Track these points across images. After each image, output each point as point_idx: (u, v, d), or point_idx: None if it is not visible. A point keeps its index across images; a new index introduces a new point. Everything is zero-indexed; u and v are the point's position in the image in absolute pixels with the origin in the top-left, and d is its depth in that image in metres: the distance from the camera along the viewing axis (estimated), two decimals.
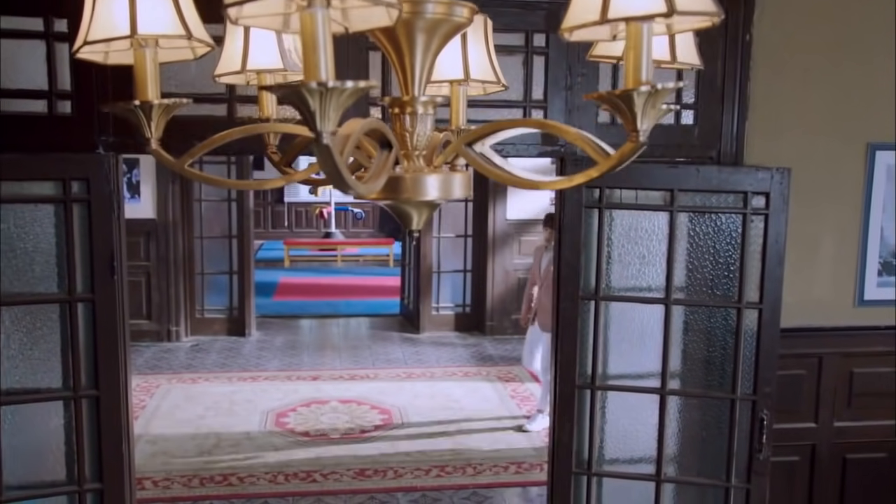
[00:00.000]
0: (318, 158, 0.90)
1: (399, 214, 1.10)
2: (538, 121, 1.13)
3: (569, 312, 3.52)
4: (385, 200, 1.06)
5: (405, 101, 1.03)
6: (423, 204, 1.05)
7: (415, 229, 1.10)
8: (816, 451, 3.82)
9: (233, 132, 1.36)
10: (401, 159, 1.09)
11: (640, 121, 1.01)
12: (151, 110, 1.01)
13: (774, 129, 3.57)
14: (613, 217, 3.51)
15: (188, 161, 1.15)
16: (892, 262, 3.76)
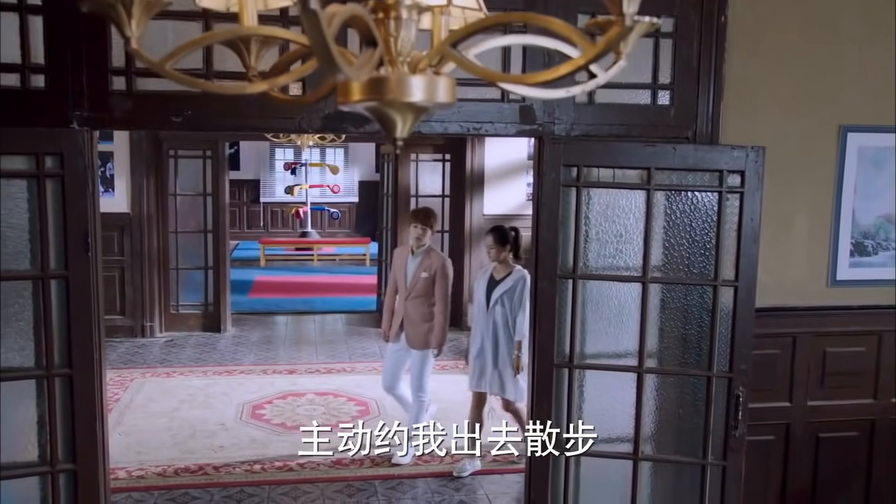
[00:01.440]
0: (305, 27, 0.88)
1: (383, 120, 1.09)
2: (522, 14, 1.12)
3: (547, 291, 3.53)
4: (368, 102, 1.06)
5: (389, 5, 1.03)
6: (407, 107, 1.05)
7: (399, 137, 1.09)
8: (791, 429, 3.87)
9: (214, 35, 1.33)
10: (385, 65, 1.08)
11: (626, 3, 1.01)
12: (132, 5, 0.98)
13: (749, 110, 3.61)
14: (591, 196, 3.52)
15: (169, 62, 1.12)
16: (863, 242, 3.82)
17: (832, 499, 3.94)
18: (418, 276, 5.15)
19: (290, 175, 16.62)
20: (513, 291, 5.07)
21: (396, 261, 5.42)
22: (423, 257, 5.20)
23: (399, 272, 5.31)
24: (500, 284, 5.11)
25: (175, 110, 3.24)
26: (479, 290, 5.22)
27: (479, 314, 5.19)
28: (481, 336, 5.16)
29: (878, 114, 3.74)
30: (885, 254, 3.83)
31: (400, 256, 5.41)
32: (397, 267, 5.36)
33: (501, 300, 5.09)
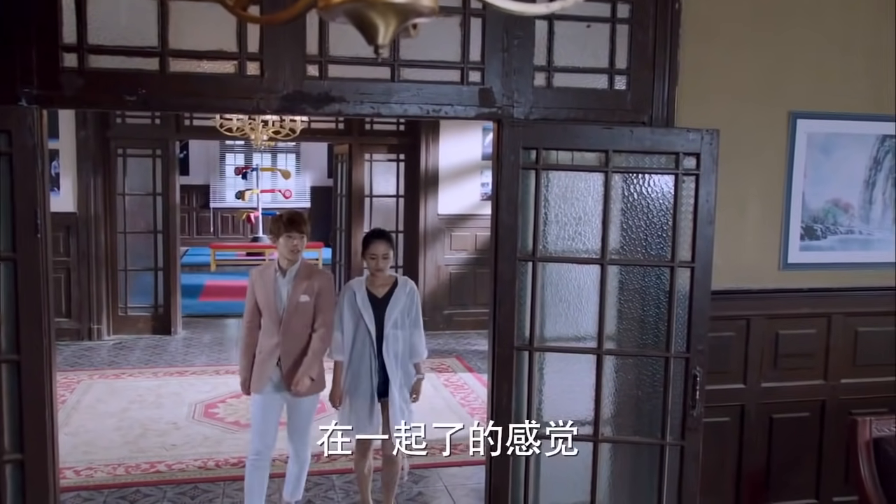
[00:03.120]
0: None
1: (363, 24, 1.06)
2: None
3: (506, 274, 3.53)
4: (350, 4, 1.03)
5: None
6: (389, 9, 1.02)
7: (381, 44, 1.07)
8: (745, 411, 3.94)
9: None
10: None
11: None
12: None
13: (703, 96, 3.68)
14: (550, 178, 3.54)
15: None
16: (813, 227, 3.91)
17: (785, 478, 4.02)
18: (296, 301, 3.93)
19: (241, 180, 16.39)
20: (409, 308, 4.13)
21: (258, 284, 4.02)
22: (300, 276, 3.97)
23: (266, 298, 3.96)
24: (392, 303, 4.06)
25: (129, 89, 3.17)
26: (353, 313, 4.05)
27: (359, 345, 4.06)
28: (368, 372, 4.05)
29: (827, 101, 3.85)
30: (834, 238, 3.93)
31: (263, 277, 4.02)
32: (262, 292, 3.99)
33: (399, 322, 4.07)
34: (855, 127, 3.88)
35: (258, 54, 3.24)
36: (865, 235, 3.96)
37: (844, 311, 3.97)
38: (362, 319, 4.05)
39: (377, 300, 4.08)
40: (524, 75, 3.51)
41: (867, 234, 3.96)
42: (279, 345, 3.97)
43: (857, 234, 3.95)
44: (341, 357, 4.10)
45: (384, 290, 4.10)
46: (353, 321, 4.07)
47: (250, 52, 3.24)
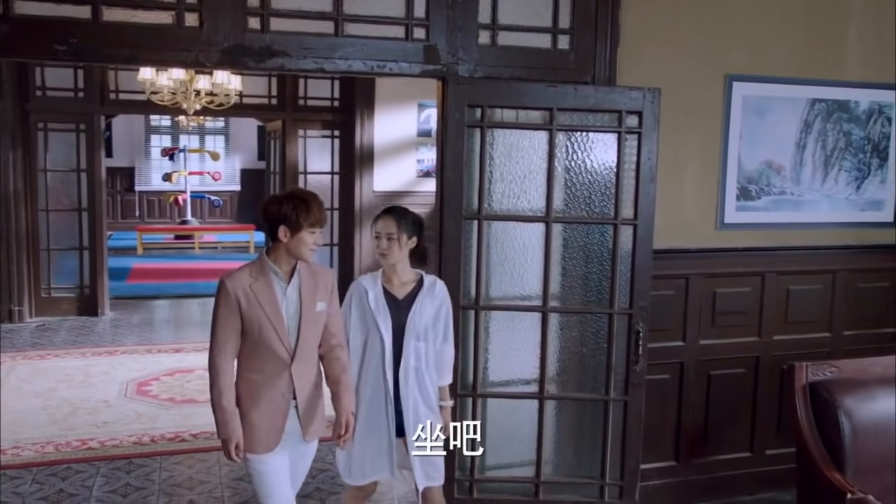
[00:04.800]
0: None
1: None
2: None
3: (452, 233, 3.53)
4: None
5: None
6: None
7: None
8: (684, 368, 4.03)
9: None
10: None
11: None
12: None
13: (643, 58, 3.73)
14: (495, 136, 3.54)
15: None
16: (748, 187, 4.02)
17: (722, 433, 4.13)
18: (312, 311, 2.85)
19: (167, 161, 15.94)
20: (437, 316, 3.15)
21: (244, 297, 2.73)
22: (303, 274, 2.86)
23: (270, 314, 2.76)
24: (416, 307, 3.09)
25: (59, 37, 3.03)
26: (364, 318, 3.10)
27: (368, 361, 3.11)
28: (383, 400, 3.08)
29: (762, 64, 3.95)
30: (767, 198, 4.05)
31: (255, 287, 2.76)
32: (256, 307, 2.74)
33: (423, 334, 3.11)
34: (787, 91, 3.99)
35: (197, 5, 3.14)
36: (797, 196, 4.09)
37: (777, 269, 4.09)
38: (375, 327, 3.08)
39: (397, 302, 3.10)
40: (469, 33, 3.49)
41: (798, 195, 4.09)
42: (292, 379, 2.80)
43: (788, 195, 4.08)
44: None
45: (406, 291, 3.12)
46: (363, 329, 3.10)
47: (188, 3, 3.14)
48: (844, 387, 2.97)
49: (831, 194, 4.15)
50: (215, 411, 2.77)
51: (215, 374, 2.76)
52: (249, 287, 2.76)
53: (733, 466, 4.16)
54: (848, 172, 4.16)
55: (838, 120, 4.10)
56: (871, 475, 2.84)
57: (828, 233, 4.16)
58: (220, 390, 2.75)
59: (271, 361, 2.80)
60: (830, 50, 4.06)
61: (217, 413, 2.77)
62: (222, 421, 2.76)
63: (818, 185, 4.12)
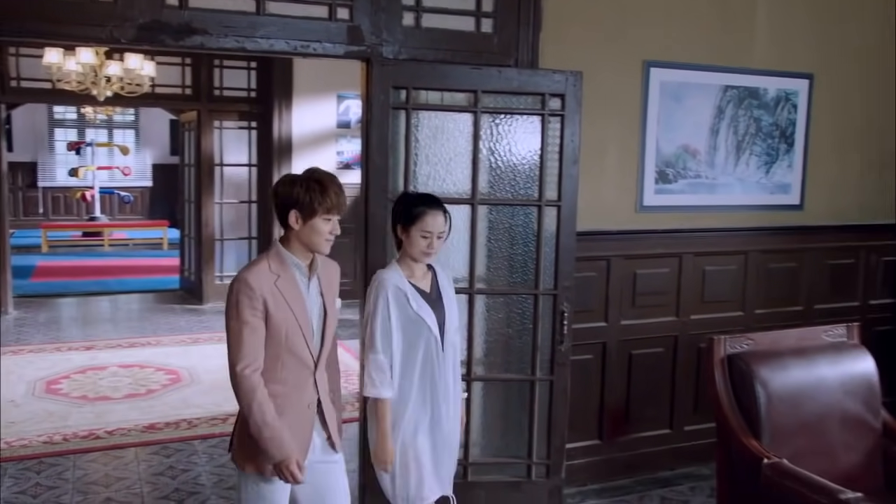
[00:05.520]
0: None
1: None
2: None
3: (378, 216, 3.50)
4: None
5: None
6: None
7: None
8: (607, 348, 4.11)
9: None
10: None
11: None
12: None
13: (565, 42, 3.78)
14: (420, 118, 3.53)
15: None
16: (665, 171, 4.13)
17: (643, 411, 4.24)
18: (334, 310, 2.57)
19: (74, 156, 15.31)
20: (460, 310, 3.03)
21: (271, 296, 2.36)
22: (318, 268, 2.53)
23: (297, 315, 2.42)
24: (447, 299, 2.90)
25: None
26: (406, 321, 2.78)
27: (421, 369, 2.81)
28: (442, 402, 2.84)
29: (678, 51, 4.06)
30: (684, 181, 4.17)
31: (280, 284, 2.39)
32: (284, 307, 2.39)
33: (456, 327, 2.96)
34: (702, 77, 4.12)
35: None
36: (711, 180, 4.23)
37: (693, 251, 4.22)
38: (425, 328, 2.77)
39: (427, 296, 2.85)
40: (393, 14, 3.47)
41: (712, 179, 4.23)
42: (317, 387, 2.51)
43: (703, 179, 4.21)
44: (389, 393, 2.77)
45: (428, 282, 2.88)
46: (406, 333, 2.77)
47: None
48: (759, 358, 3.08)
49: (743, 178, 4.31)
50: (261, 432, 2.33)
51: (250, 390, 2.32)
52: (275, 284, 2.37)
53: (654, 443, 4.27)
54: (758, 157, 4.33)
55: (749, 106, 4.26)
56: (785, 440, 2.96)
57: (740, 215, 4.32)
58: (260, 407, 2.33)
59: (296, 369, 2.45)
60: (741, 38, 4.22)
61: (264, 433, 2.33)
62: (274, 440, 2.34)
63: (731, 168, 4.27)
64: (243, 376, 2.33)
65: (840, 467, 3.02)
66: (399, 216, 2.86)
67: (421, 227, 2.78)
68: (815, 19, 4.40)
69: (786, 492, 2.71)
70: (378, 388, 2.76)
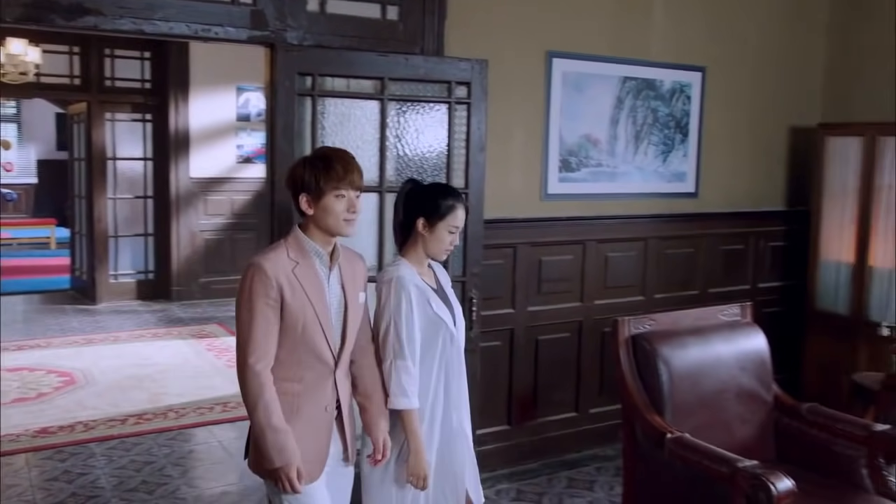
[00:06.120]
0: None
1: None
2: None
3: (285, 205, 3.43)
4: None
5: None
6: None
7: None
8: (514, 334, 4.17)
9: None
10: None
11: None
12: None
13: (470, 32, 3.81)
14: (326, 106, 3.49)
15: None
16: (568, 159, 4.22)
17: (550, 396, 4.32)
18: (356, 304, 2.39)
19: None
20: None
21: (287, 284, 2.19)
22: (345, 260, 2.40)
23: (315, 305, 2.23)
24: (451, 295, 2.72)
25: None
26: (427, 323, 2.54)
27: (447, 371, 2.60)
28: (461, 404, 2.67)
29: (579, 42, 4.16)
30: (586, 170, 4.27)
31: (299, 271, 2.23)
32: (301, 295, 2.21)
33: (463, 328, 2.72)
34: (602, 68, 4.23)
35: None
36: (612, 168, 4.35)
37: (596, 238, 4.34)
38: (443, 327, 2.57)
39: (441, 295, 2.64)
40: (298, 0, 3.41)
41: (613, 167, 4.36)
42: (336, 388, 2.32)
43: (605, 167, 4.33)
44: (417, 402, 2.51)
45: (432, 279, 2.67)
46: (425, 335, 2.54)
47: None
48: (661, 338, 3.19)
49: (642, 166, 4.45)
50: (263, 434, 2.14)
51: (258, 387, 2.14)
52: (292, 272, 2.19)
53: (561, 426, 4.36)
54: (655, 146, 4.48)
55: (646, 97, 4.41)
56: (687, 416, 3.08)
57: (640, 202, 4.46)
58: (266, 406, 2.13)
59: (313, 367, 2.25)
60: (639, 31, 4.36)
61: (267, 435, 2.14)
62: (276, 444, 2.14)
63: (630, 157, 4.41)
64: (253, 371, 2.14)
65: (737, 439, 3.17)
66: (423, 209, 2.56)
67: (450, 222, 2.56)
68: (708, 14, 4.59)
69: (688, 464, 2.82)
70: (410, 398, 2.47)
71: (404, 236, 2.64)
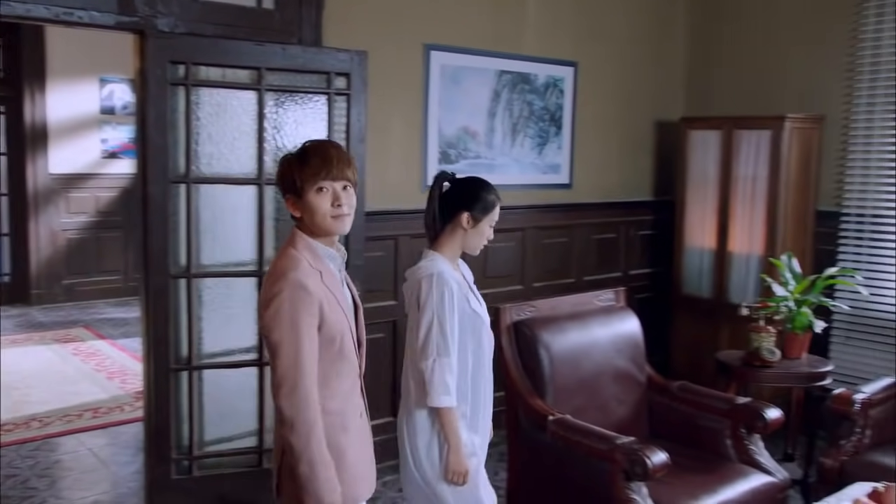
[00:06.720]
0: None
1: None
2: None
3: (158, 198, 3.31)
4: None
5: None
6: None
7: None
8: (397, 326, 4.18)
9: None
10: None
11: None
12: None
13: (349, 23, 3.80)
14: (201, 96, 3.38)
15: None
16: (448, 151, 4.27)
17: None
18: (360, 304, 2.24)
19: None
20: None
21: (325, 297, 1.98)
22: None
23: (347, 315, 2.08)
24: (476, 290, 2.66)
25: None
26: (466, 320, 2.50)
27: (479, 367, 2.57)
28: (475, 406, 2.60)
29: (456, 35, 4.21)
30: (465, 162, 4.33)
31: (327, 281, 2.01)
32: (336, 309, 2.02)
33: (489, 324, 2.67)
34: (479, 62, 4.30)
35: None
36: (490, 160, 4.43)
37: None
38: (479, 322, 2.55)
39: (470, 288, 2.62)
40: None
41: (492, 159, 4.44)
42: (363, 393, 2.20)
43: (483, 159, 4.40)
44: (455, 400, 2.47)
45: (460, 275, 2.60)
46: (463, 332, 2.49)
47: None
48: (542, 324, 3.28)
49: (519, 158, 4.56)
50: (314, 470, 1.90)
51: (314, 415, 1.91)
52: (322, 282, 1.99)
53: None
54: (531, 139, 4.60)
55: (522, 91, 4.51)
56: (567, 398, 3.19)
57: (517, 193, 4.56)
58: (319, 443, 1.91)
59: (349, 376, 2.09)
60: (514, 26, 4.46)
61: (320, 472, 1.91)
62: (329, 481, 1.92)
63: (508, 149, 4.50)
64: (310, 399, 1.90)
65: (613, 419, 3.31)
66: (468, 203, 2.50)
67: (493, 217, 2.55)
68: (579, 11, 4.75)
69: (570, 444, 2.92)
70: (451, 395, 2.43)
71: (438, 230, 2.55)
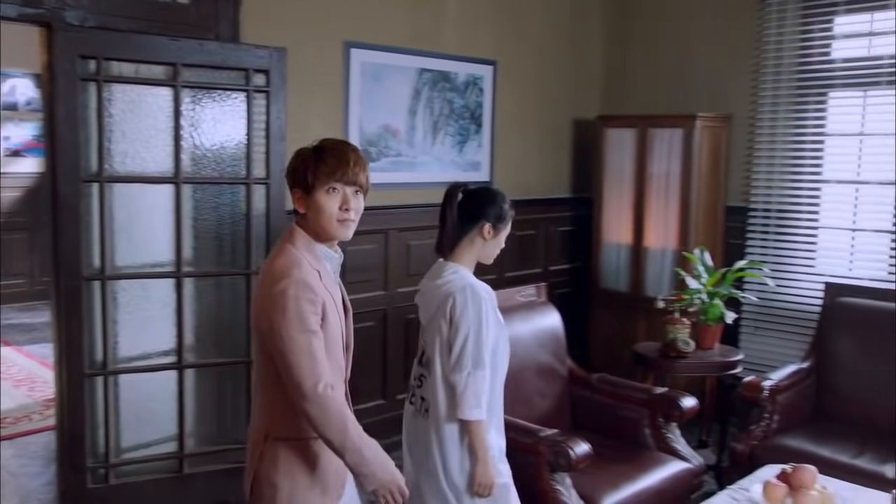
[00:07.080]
0: None
1: None
2: None
3: (69, 198, 3.20)
4: None
5: None
6: None
7: None
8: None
9: None
10: None
11: None
12: None
13: (268, 19, 3.74)
14: (114, 92, 3.29)
15: None
16: (369, 149, 4.25)
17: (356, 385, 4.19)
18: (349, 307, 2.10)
19: None
20: None
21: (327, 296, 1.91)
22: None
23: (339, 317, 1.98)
24: None
25: None
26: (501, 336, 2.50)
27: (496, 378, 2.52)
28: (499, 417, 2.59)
29: (377, 33, 4.20)
30: (387, 160, 4.33)
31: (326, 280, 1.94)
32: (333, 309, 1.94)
33: None
34: (399, 59, 4.30)
35: None
36: (411, 158, 4.44)
37: (398, 227, 4.41)
38: (506, 333, 2.53)
39: None
40: None
41: (412, 157, 4.45)
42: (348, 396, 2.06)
43: (404, 157, 4.41)
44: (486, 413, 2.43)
45: None
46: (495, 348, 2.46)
47: None
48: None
49: (440, 156, 4.58)
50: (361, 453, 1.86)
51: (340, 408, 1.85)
52: (321, 281, 1.91)
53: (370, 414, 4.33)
54: (452, 137, 4.63)
55: (442, 89, 4.54)
56: None
57: (438, 191, 4.48)
58: (356, 426, 1.87)
59: (340, 378, 1.99)
60: (434, 24, 4.47)
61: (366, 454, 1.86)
62: (378, 458, 1.89)
63: (429, 147, 4.52)
64: (328, 397, 1.83)
65: (537, 412, 3.36)
66: (489, 214, 2.47)
67: (509, 226, 2.54)
68: (498, 9, 4.80)
69: None
70: (482, 408, 2.40)
71: (454, 242, 2.50)
